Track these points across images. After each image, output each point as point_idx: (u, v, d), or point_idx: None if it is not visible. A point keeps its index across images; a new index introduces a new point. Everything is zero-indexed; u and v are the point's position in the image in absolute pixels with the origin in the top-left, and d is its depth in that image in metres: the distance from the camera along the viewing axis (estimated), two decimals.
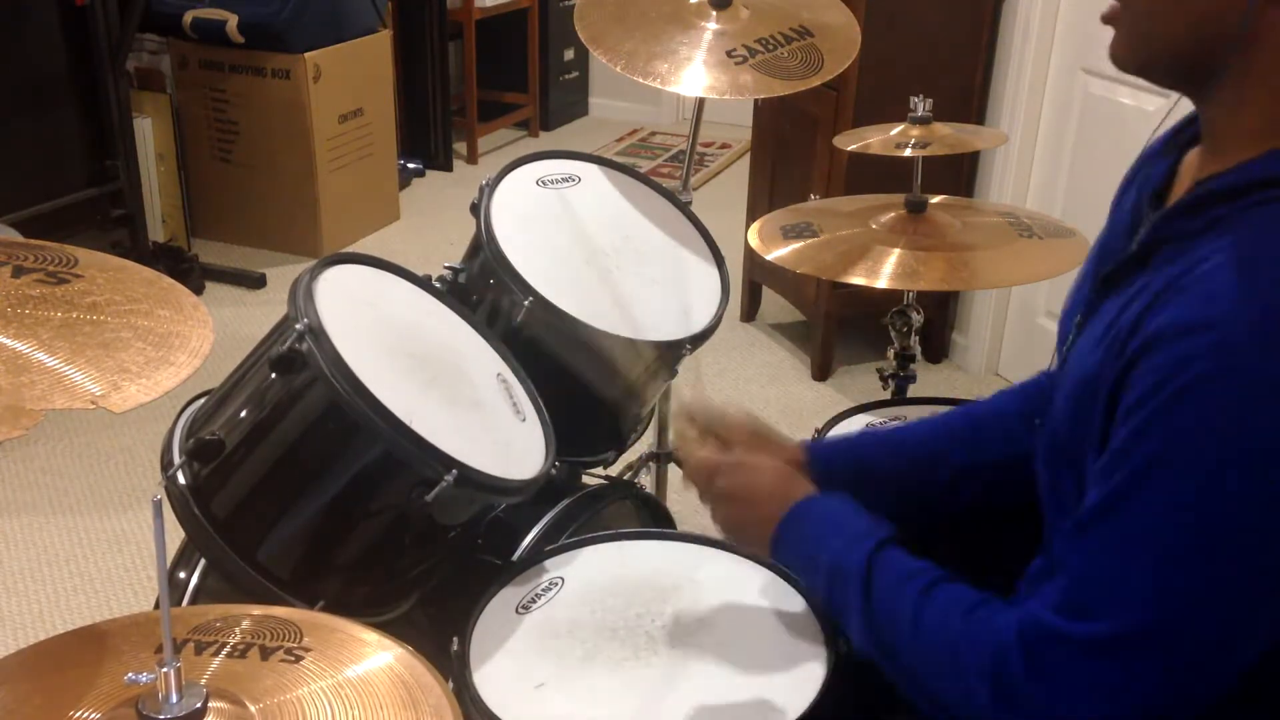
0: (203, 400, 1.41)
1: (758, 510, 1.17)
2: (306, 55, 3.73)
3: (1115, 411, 0.89)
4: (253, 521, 1.30)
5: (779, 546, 1.14)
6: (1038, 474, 1.09)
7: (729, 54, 1.85)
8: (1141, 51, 0.97)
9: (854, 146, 2.00)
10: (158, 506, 0.83)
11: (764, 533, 1.15)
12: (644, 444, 2.14)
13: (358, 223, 4.13)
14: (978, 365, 3.24)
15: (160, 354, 0.90)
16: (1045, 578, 0.96)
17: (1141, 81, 1.00)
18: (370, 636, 0.98)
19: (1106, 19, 0.98)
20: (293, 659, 0.93)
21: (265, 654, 0.94)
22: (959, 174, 3.09)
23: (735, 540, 1.27)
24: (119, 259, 1.03)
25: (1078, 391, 0.96)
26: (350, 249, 3.87)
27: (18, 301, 0.89)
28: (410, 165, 4.69)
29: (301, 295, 1.26)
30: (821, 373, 3.23)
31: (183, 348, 0.92)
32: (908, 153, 1.93)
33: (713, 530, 1.26)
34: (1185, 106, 1.02)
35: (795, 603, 1.30)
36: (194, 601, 1.46)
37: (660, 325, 1.64)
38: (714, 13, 1.90)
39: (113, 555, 2.42)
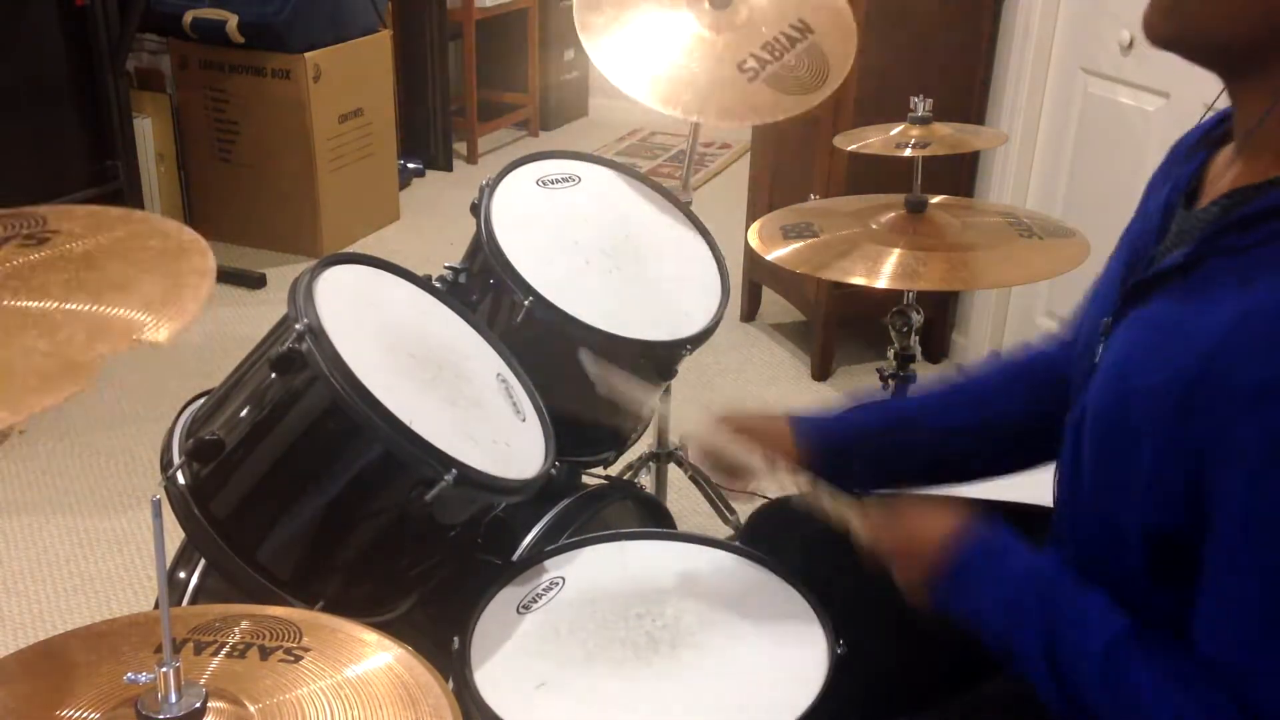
0: (202, 400, 1.41)
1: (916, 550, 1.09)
2: (306, 55, 3.72)
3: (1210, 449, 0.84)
4: (252, 521, 1.30)
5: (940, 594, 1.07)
6: (1062, 456, 1.06)
7: (740, 68, 1.84)
8: (1190, 19, 0.87)
9: (854, 146, 1.99)
10: (157, 506, 0.83)
11: (923, 579, 1.08)
12: (644, 444, 2.14)
13: (358, 223, 4.13)
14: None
15: (173, 280, 0.86)
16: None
17: (1142, 81, 0.95)
18: (370, 636, 0.98)
19: None
20: (292, 659, 0.93)
21: (265, 654, 0.94)
22: (959, 174, 3.09)
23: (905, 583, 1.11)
24: (85, 206, 0.97)
25: (1138, 407, 0.90)
26: (350, 249, 3.88)
27: (11, 273, 0.85)
28: (410, 165, 4.69)
29: (301, 295, 1.26)
30: (821, 373, 3.23)
31: (191, 269, 0.88)
32: (908, 153, 1.93)
33: (712, 530, 1.26)
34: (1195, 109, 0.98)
35: (795, 603, 1.30)
36: (194, 601, 1.46)
37: (660, 325, 1.64)
38: (714, 11, 1.91)
39: (113, 555, 2.42)
